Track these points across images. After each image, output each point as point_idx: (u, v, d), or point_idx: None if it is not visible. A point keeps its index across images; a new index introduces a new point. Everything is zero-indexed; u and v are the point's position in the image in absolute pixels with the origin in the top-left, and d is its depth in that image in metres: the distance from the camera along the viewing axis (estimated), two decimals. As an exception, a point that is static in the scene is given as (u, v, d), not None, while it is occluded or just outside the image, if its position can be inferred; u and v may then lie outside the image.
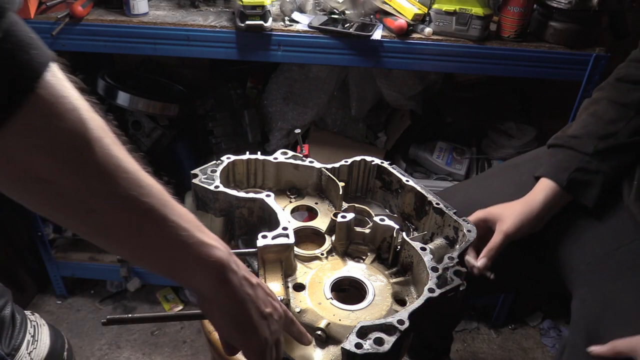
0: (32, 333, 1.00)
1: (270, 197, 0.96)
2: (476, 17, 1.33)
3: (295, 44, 1.39)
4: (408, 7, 1.40)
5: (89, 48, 1.44)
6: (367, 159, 1.10)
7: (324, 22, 1.40)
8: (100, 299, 2.00)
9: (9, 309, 0.96)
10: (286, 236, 0.86)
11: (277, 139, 1.90)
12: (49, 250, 1.86)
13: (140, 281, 1.92)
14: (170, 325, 1.91)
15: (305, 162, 1.07)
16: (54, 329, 1.08)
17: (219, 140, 1.82)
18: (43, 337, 1.02)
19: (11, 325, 0.96)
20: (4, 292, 0.98)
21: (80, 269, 1.92)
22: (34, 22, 1.39)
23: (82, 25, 1.40)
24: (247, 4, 1.32)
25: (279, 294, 0.80)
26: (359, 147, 1.86)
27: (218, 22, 1.41)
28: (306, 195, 1.10)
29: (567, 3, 1.32)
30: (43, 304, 1.98)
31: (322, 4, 1.50)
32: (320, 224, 1.03)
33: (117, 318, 0.73)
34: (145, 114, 1.76)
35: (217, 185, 0.96)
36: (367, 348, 0.70)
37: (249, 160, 1.06)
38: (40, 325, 1.04)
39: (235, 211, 0.97)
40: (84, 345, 1.80)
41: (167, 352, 1.82)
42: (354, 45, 1.39)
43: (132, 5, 1.39)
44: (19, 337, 0.96)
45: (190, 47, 1.41)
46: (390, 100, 1.82)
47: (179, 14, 1.46)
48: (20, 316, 0.99)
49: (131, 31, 1.40)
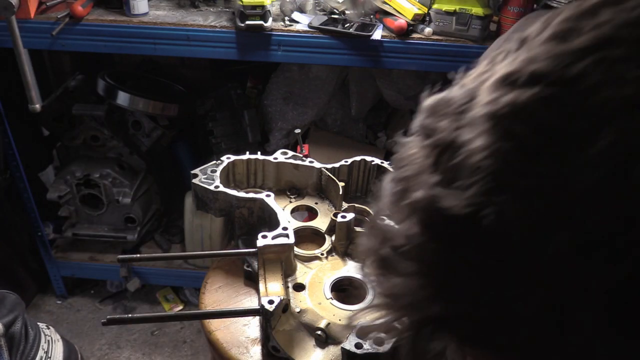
0: (46, 349, 0.97)
1: (270, 197, 0.96)
2: (476, 17, 1.33)
3: (295, 44, 1.39)
4: (408, 7, 1.40)
5: (89, 48, 1.44)
6: (367, 159, 1.10)
7: (324, 22, 1.40)
8: (100, 299, 2.00)
9: (20, 324, 0.94)
10: (286, 236, 0.86)
11: (277, 139, 1.90)
12: (49, 250, 1.86)
13: (140, 281, 1.92)
14: (170, 325, 1.91)
15: (305, 162, 1.07)
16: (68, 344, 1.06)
17: (219, 140, 1.82)
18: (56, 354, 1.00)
19: (23, 340, 0.94)
20: (15, 305, 0.96)
21: (80, 269, 1.92)
22: (34, 22, 1.39)
23: (82, 25, 1.39)
24: (247, 4, 1.32)
25: (279, 294, 0.80)
26: (359, 147, 1.86)
27: (218, 22, 1.41)
28: (306, 195, 1.10)
29: (567, 3, 1.32)
30: (43, 304, 1.98)
31: (322, 4, 1.50)
32: (320, 224, 1.03)
33: (117, 318, 0.73)
34: (145, 114, 1.76)
35: (217, 185, 0.96)
36: (367, 348, 0.70)
37: (249, 160, 1.06)
38: (54, 340, 1.02)
39: (235, 211, 0.97)
40: (84, 345, 1.80)
41: (167, 352, 1.82)
42: (354, 45, 1.39)
43: (132, 5, 1.39)
44: (31, 354, 0.94)
45: (190, 47, 1.41)
46: (390, 100, 1.82)
47: (179, 14, 1.46)
48: (34, 331, 0.97)
49: (131, 31, 1.40)
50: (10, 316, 0.93)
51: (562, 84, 0.26)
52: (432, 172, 0.30)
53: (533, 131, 0.26)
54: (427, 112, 0.33)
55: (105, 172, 1.76)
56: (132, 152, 1.80)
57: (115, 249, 1.94)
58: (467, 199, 0.27)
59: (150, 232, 1.96)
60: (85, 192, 1.78)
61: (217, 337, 0.85)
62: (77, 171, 1.76)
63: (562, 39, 0.28)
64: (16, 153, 1.65)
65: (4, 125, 1.59)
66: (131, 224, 1.85)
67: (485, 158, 0.27)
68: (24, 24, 1.36)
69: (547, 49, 0.28)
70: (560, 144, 0.26)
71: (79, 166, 1.77)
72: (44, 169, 1.94)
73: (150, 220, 1.93)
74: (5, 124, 1.59)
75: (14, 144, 1.63)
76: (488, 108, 0.28)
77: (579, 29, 0.28)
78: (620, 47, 0.26)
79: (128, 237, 1.85)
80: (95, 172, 1.75)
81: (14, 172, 1.70)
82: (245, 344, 0.84)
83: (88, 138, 1.78)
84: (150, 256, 1.15)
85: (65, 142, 1.80)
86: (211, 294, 0.95)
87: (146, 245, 1.96)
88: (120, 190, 1.78)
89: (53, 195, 1.75)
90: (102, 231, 1.87)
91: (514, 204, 0.26)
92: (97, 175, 1.75)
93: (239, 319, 0.88)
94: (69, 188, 1.77)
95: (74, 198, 1.79)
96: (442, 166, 0.29)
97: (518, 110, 0.27)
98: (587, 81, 0.26)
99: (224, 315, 0.85)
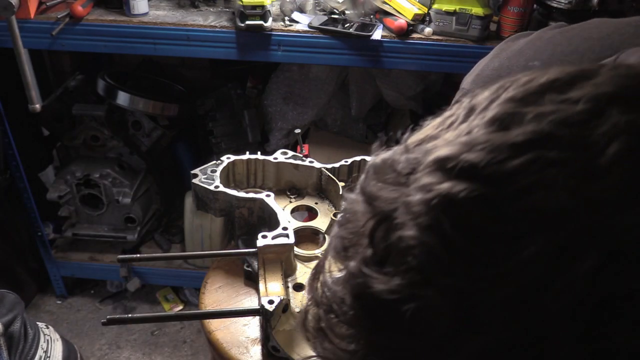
0: (45, 348, 0.98)
1: (270, 197, 0.96)
2: (476, 17, 1.33)
3: (295, 44, 1.39)
4: (408, 7, 1.40)
5: (89, 48, 1.44)
6: (367, 158, 1.10)
7: (324, 22, 1.40)
8: (100, 299, 2.00)
9: (19, 323, 0.94)
10: (286, 236, 0.86)
11: (277, 139, 1.90)
12: (49, 250, 1.86)
13: (140, 281, 1.92)
14: (170, 325, 1.91)
15: (305, 162, 1.07)
16: (67, 344, 1.06)
17: (219, 140, 1.82)
18: (56, 353, 1.00)
19: (22, 339, 0.94)
20: (14, 305, 0.96)
21: (80, 269, 1.92)
22: (34, 22, 1.39)
23: (82, 25, 1.39)
24: (247, 4, 1.32)
25: (279, 294, 0.80)
26: (359, 147, 1.86)
27: (218, 22, 1.41)
28: (306, 195, 1.10)
29: (567, 3, 1.32)
30: (43, 304, 1.98)
31: (322, 4, 1.50)
32: (320, 224, 1.03)
33: (117, 318, 0.73)
34: (145, 114, 1.76)
35: (217, 185, 0.96)
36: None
37: (249, 160, 1.06)
38: (54, 340, 1.03)
39: (235, 211, 0.97)
40: (84, 345, 1.80)
41: (167, 352, 1.82)
42: (354, 45, 1.39)
43: (132, 5, 1.39)
44: (30, 353, 0.94)
45: (190, 47, 1.41)
46: (390, 100, 1.82)
47: (179, 14, 1.46)
48: (33, 330, 0.97)
49: (131, 31, 1.40)
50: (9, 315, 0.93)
51: (494, 183, 0.26)
52: (368, 244, 0.30)
53: (460, 230, 0.26)
54: (372, 172, 0.33)
55: (105, 172, 1.76)
56: (132, 152, 1.80)
57: (115, 249, 1.94)
58: (393, 287, 0.28)
59: (150, 232, 1.96)
60: (85, 192, 1.78)
61: (217, 337, 0.85)
62: (77, 171, 1.76)
63: (502, 126, 0.28)
64: (16, 153, 1.65)
65: (4, 125, 1.59)
66: (131, 224, 1.85)
67: (413, 248, 0.27)
68: (24, 24, 1.36)
69: (485, 135, 0.28)
70: (485, 247, 0.26)
71: (79, 166, 1.77)
72: (44, 169, 1.94)
73: (150, 220, 1.93)
74: (5, 124, 1.59)
75: (14, 144, 1.63)
76: (422, 194, 0.28)
77: (520, 116, 0.28)
78: (555, 148, 0.26)
79: (128, 237, 1.85)
80: (95, 172, 1.75)
81: (14, 172, 1.70)
82: (245, 344, 0.84)
83: (88, 138, 1.78)
84: (150, 256, 1.15)
85: (65, 142, 1.80)
86: (211, 294, 0.95)
87: (146, 245, 1.96)
88: (120, 190, 1.78)
89: (53, 195, 1.75)
90: (102, 231, 1.87)
91: (437, 301, 0.26)
92: (97, 175, 1.75)
93: (239, 319, 0.88)
94: (69, 188, 1.77)
95: (74, 198, 1.79)
96: (377, 241, 0.30)
97: (448, 205, 0.27)
98: (519, 182, 0.26)
99: (224, 315, 0.85)
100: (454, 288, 0.26)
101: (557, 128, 0.26)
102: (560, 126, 0.26)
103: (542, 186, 0.25)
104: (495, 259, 0.25)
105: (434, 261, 0.27)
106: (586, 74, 0.29)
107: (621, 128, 0.25)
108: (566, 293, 0.24)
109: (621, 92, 0.27)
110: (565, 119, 0.26)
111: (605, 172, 0.25)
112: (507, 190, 0.26)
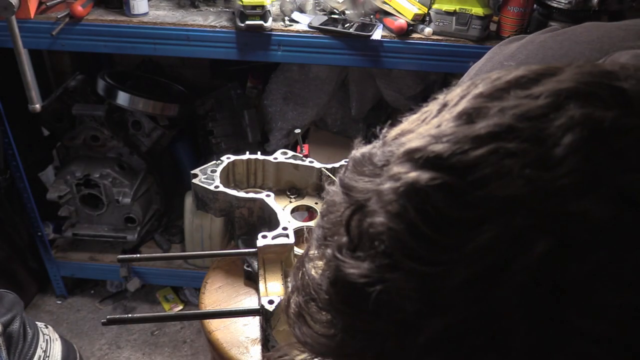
0: (44, 348, 0.97)
1: (270, 197, 0.96)
2: (476, 17, 1.33)
3: (295, 44, 1.39)
4: (408, 7, 1.40)
5: (89, 48, 1.44)
6: (367, 159, 1.10)
7: (324, 22, 1.40)
8: (100, 299, 2.00)
9: (18, 323, 0.94)
10: (286, 236, 0.86)
11: (277, 139, 1.90)
12: (49, 250, 1.86)
13: (140, 281, 1.92)
14: (170, 325, 1.91)
15: (305, 162, 1.07)
16: (66, 344, 1.06)
17: (219, 140, 1.82)
18: (55, 353, 1.00)
19: (21, 339, 0.94)
20: (13, 304, 0.95)
21: (80, 269, 1.92)
22: (34, 22, 1.39)
23: (82, 25, 1.39)
24: (247, 4, 1.32)
25: (279, 294, 0.80)
26: (359, 147, 1.86)
27: (218, 22, 1.41)
28: (306, 195, 1.10)
29: (567, 3, 1.32)
30: (43, 304, 1.98)
31: (322, 4, 1.50)
32: (320, 224, 1.03)
33: (117, 318, 0.73)
34: (145, 114, 1.76)
35: (217, 185, 0.96)
36: None
37: (249, 160, 1.06)
38: (53, 339, 1.02)
39: (235, 211, 0.97)
40: (84, 345, 1.80)
41: (167, 352, 1.82)
42: (354, 45, 1.39)
43: (132, 5, 1.39)
44: (29, 353, 0.94)
45: (190, 47, 1.41)
46: (390, 100, 1.82)
47: (179, 14, 1.46)
48: (32, 330, 0.97)
49: (131, 31, 1.40)
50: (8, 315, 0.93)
51: (456, 172, 0.27)
52: (344, 232, 0.31)
53: (424, 216, 0.27)
54: (351, 165, 0.34)
55: (105, 172, 1.76)
56: (132, 152, 1.80)
57: (115, 249, 1.94)
58: (364, 271, 0.29)
59: (150, 232, 1.96)
60: (85, 192, 1.78)
61: (217, 337, 0.85)
62: (77, 171, 1.76)
63: (468, 120, 0.29)
64: (16, 153, 1.65)
65: (4, 125, 1.59)
66: (131, 224, 1.85)
67: (382, 234, 0.28)
68: (24, 24, 1.36)
69: (453, 128, 0.29)
70: (447, 233, 0.27)
71: (79, 166, 1.77)
72: (44, 169, 1.94)
73: (150, 220, 1.93)
74: (5, 124, 1.59)
75: (14, 144, 1.63)
76: (391, 183, 0.29)
77: (486, 110, 0.29)
78: (515, 140, 0.27)
79: (128, 237, 1.85)
80: (95, 172, 1.75)
81: (14, 172, 1.70)
82: (245, 344, 0.85)
83: (88, 138, 1.78)
84: (150, 256, 1.15)
85: (65, 142, 1.80)
86: (211, 294, 0.95)
87: (146, 245, 1.96)
88: (120, 190, 1.78)
89: (53, 195, 1.75)
90: (102, 231, 1.87)
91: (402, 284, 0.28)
92: (97, 175, 1.75)
93: (239, 319, 0.88)
94: (69, 188, 1.77)
95: (74, 198, 1.79)
96: (352, 229, 0.31)
97: (413, 193, 0.28)
98: (478, 172, 0.27)
99: (224, 315, 0.85)
100: (417, 271, 0.27)
101: (518, 121, 0.27)
102: (521, 119, 0.27)
103: (500, 175, 0.26)
104: (455, 244, 0.26)
105: (400, 246, 0.28)
106: (551, 72, 0.30)
107: (576, 120, 0.26)
108: (520, 276, 0.25)
109: (580, 88, 0.28)
110: (525, 112, 0.28)
111: (559, 162, 0.26)
112: (468, 179, 0.27)
